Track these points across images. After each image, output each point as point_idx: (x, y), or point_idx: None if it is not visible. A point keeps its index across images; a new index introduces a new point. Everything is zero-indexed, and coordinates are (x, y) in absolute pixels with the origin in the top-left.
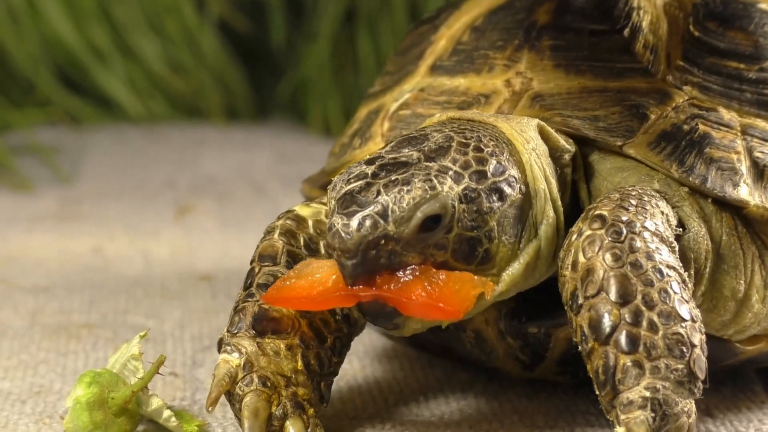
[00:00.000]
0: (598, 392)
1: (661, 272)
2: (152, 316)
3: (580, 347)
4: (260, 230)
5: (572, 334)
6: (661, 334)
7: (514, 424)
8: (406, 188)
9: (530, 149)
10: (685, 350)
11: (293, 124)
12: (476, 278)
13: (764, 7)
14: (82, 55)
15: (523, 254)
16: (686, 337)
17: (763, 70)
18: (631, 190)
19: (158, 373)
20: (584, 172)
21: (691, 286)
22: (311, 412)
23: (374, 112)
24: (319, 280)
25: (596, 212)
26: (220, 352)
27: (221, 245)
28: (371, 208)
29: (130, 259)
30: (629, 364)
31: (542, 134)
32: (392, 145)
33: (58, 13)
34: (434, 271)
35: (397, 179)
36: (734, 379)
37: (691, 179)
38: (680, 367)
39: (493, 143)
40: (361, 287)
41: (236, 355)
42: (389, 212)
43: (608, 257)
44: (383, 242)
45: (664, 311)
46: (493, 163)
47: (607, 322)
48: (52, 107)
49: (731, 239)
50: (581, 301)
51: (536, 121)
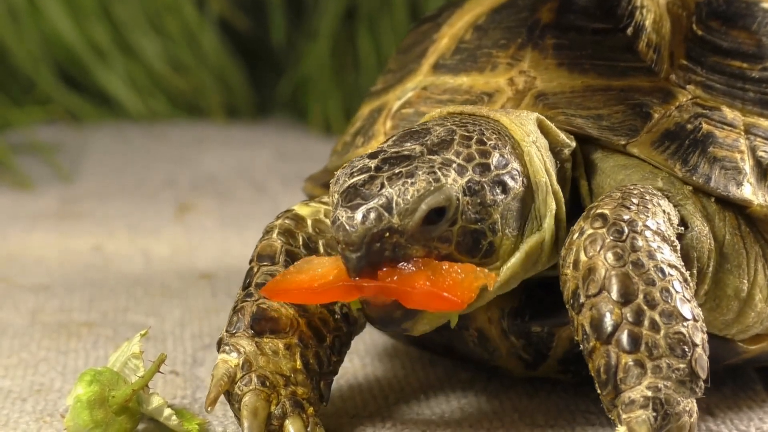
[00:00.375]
0: (599, 391)
1: (662, 271)
2: (153, 314)
3: (581, 346)
4: (260, 229)
5: (573, 333)
6: (662, 333)
7: (514, 422)
8: (410, 181)
9: (530, 142)
10: (686, 349)
11: (294, 122)
12: (478, 269)
13: (767, 6)
14: (82, 53)
15: (524, 246)
16: (688, 336)
17: (766, 69)
18: (632, 188)
19: (159, 371)
20: (586, 169)
21: (693, 285)
22: (311, 411)
23: (377, 110)
24: (320, 273)
25: (598, 211)
26: (219, 351)
27: (221, 244)
28: (375, 200)
29: (130, 257)
30: (631, 363)
31: (541, 128)
32: (394, 139)
33: (58, 11)
34: (437, 262)
35: (400, 172)
36: (735, 378)
37: (694, 178)
38: (682, 366)
39: (495, 136)
40: (364, 279)
41: (235, 354)
42: (393, 205)
43: (610, 256)
44: (387, 235)
45: (665, 310)
46: (496, 155)
47: (608, 321)
48: (52, 105)
49: (734, 238)
50: (582, 300)
51: (535, 115)
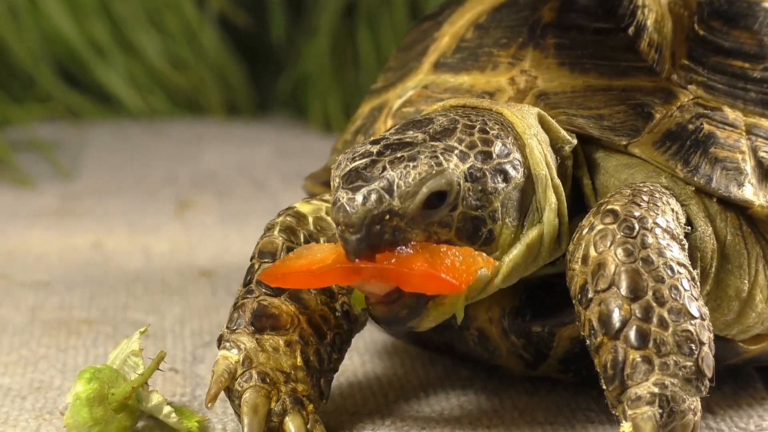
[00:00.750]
0: (605, 387)
1: (672, 269)
2: (152, 311)
3: (587, 341)
4: (260, 226)
5: (580, 328)
6: (671, 330)
7: (514, 420)
8: (411, 164)
9: (531, 134)
10: (694, 348)
11: (293, 119)
12: (477, 253)
13: None
14: (82, 50)
15: (525, 238)
16: (695, 334)
17: (767, 69)
18: (642, 186)
19: (158, 369)
20: (588, 168)
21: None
22: (311, 408)
23: (377, 108)
24: (319, 258)
25: (608, 207)
26: (219, 348)
27: (221, 241)
28: (377, 183)
29: (130, 254)
30: (638, 359)
31: (542, 123)
32: (397, 127)
33: (58, 8)
34: (435, 245)
35: (402, 156)
36: (735, 376)
37: (696, 179)
38: (689, 364)
39: (498, 127)
40: (362, 261)
41: (235, 351)
42: (394, 187)
43: (620, 252)
44: (388, 217)
45: (674, 308)
46: (498, 144)
47: (617, 316)
48: (52, 103)
49: (736, 239)
50: (591, 295)
51: (536, 109)
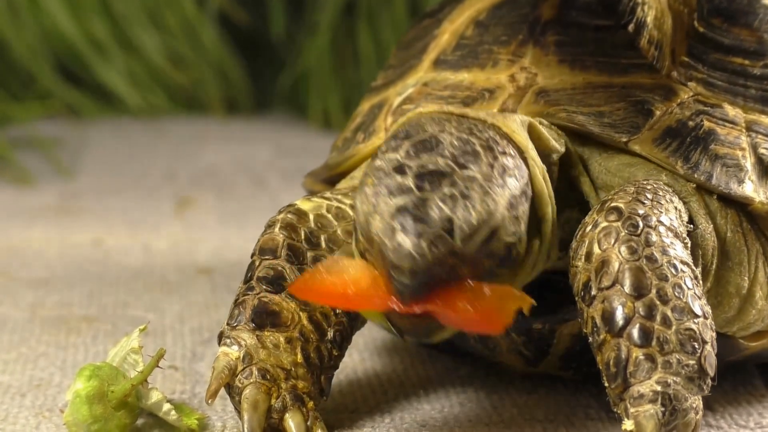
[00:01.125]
0: (607, 385)
1: (675, 267)
2: (152, 309)
3: (590, 339)
4: (260, 223)
5: (582, 325)
6: (674, 329)
7: (513, 417)
8: (469, 204)
9: (531, 147)
10: (696, 346)
11: (293, 117)
12: (516, 293)
13: None
14: (82, 48)
15: (533, 250)
16: (698, 333)
17: (767, 66)
18: (646, 184)
19: (158, 366)
20: (589, 165)
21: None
22: (311, 405)
23: (377, 106)
24: (353, 279)
25: (612, 204)
26: (219, 344)
27: (221, 238)
28: (439, 225)
29: (130, 252)
30: (641, 357)
31: (532, 133)
32: (404, 151)
33: (58, 6)
34: (477, 284)
35: (453, 194)
36: (734, 373)
37: (696, 176)
38: (692, 363)
39: (505, 142)
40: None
41: (236, 347)
42: (457, 230)
43: (624, 250)
44: (449, 259)
45: (677, 306)
46: (520, 165)
47: (620, 314)
48: (52, 100)
49: (736, 236)
50: (594, 292)
51: (528, 119)
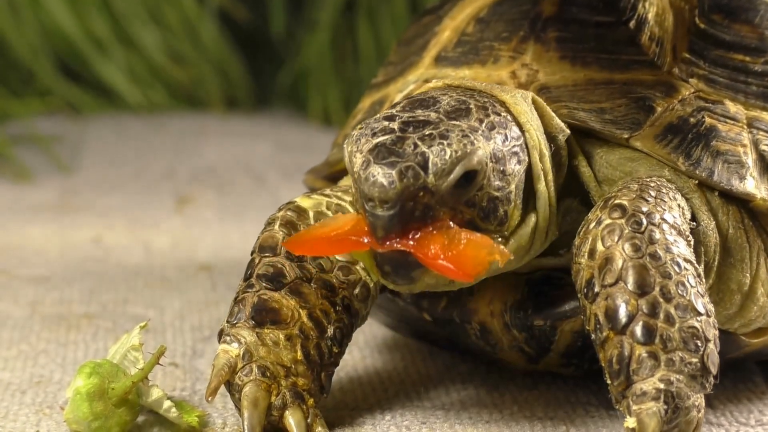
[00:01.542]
0: (609, 382)
1: (678, 265)
2: (152, 306)
3: (593, 336)
4: (260, 220)
5: (585, 322)
6: (677, 326)
7: (513, 414)
8: (446, 142)
9: (529, 119)
10: (699, 344)
11: (293, 113)
12: (493, 245)
13: None
14: (81, 44)
15: (527, 222)
16: (701, 331)
17: None
18: (649, 181)
19: (158, 363)
20: (590, 161)
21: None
22: (311, 402)
23: (378, 102)
24: (339, 225)
25: (616, 201)
26: (219, 342)
27: (221, 235)
28: (413, 159)
29: (130, 249)
30: (645, 355)
31: (537, 110)
32: (402, 105)
33: (57, 2)
34: (456, 230)
35: (432, 134)
36: (735, 370)
37: (697, 172)
38: (694, 360)
39: (503, 110)
40: (388, 237)
41: (235, 345)
42: (430, 164)
43: (628, 247)
44: (421, 194)
45: (680, 304)
46: (512, 127)
47: (623, 311)
48: (51, 97)
49: (738, 232)
50: (598, 289)
51: (530, 94)
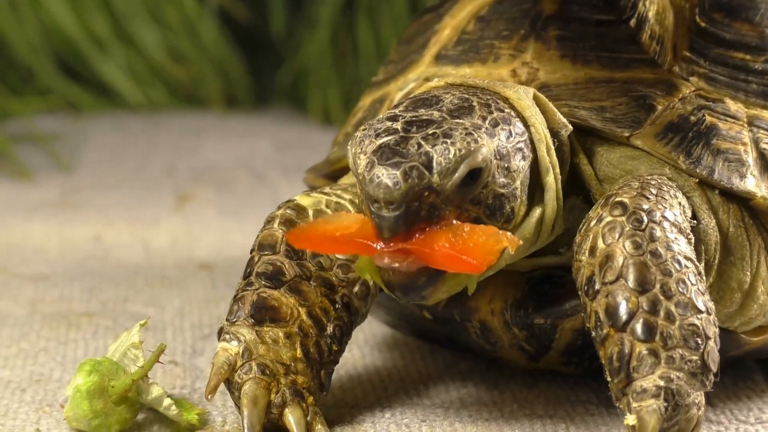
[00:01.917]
0: (609, 379)
1: (679, 263)
2: (152, 304)
3: (593, 333)
4: (260, 218)
5: (585, 319)
6: (677, 324)
7: (513, 412)
8: (449, 141)
9: (533, 114)
10: (699, 342)
11: (293, 112)
12: (501, 232)
13: None
14: (81, 43)
15: (532, 216)
16: (701, 329)
17: None
18: (650, 179)
19: (158, 361)
20: (591, 159)
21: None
22: (310, 400)
23: (378, 101)
24: (344, 225)
25: (617, 199)
26: (219, 340)
27: (221, 233)
28: (416, 159)
29: (130, 247)
30: (645, 352)
31: (539, 105)
32: (404, 105)
33: (57, 1)
34: (459, 224)
35: (435, 133)
36: (735, 368)
37: (698, 170)
38: (695, 358)
39: (507, 106)
40: (394, 239)
41: (235, 343)
42: (434, 164)
43: (628, 244)
44: (426, 194)
45: (681, 302)
46: (516, 123)
47: (624, 309)
48: (51, 95)
49: (738, 231)
50: (598, 286)
51: (532, 90)
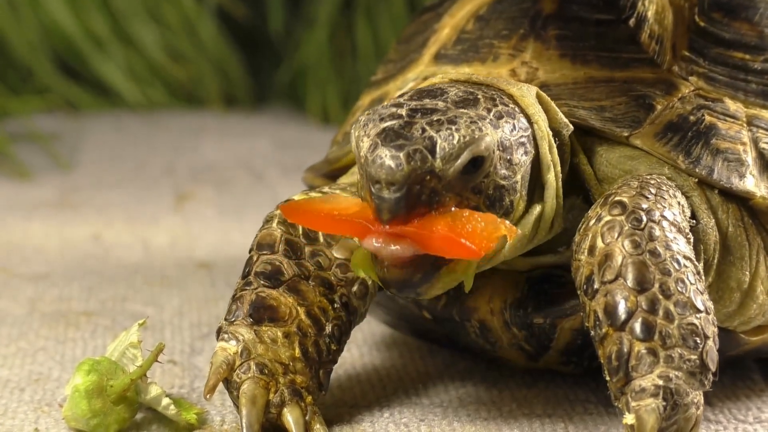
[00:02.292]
0: (608, 378)
1: (678, 262)
2: (151, 303)
3: (592, 332)
4: (259, 218)
5: (584, 319)
6: (676, 323)
7: (512, 411)
8: (453, 127)
9: (536, 112)
10: (698, 341)
11: (292, 111)
12: (500, 220)
13: None
14: (80, 42)
15: (531, 212)
16: (700, 328)
17: None
18: (649, 178)
19: (157, 360)
20: (590, 158)
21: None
22: (309, 399)
23: (377, 100)
24: (342, 206)
25: (616, 198)
26: (218, 340)
27: (220, 233)
28: (421, 142)
29: (129, 246)
30: (644, 351)
31: (541, 103)
32: (409, 95)
33: (57, 0)
34: (458, 210)
35: (440, 119)
36: (733, 367)
37: (697, 170)
38: (693, 357)
39: (510, 101)
40: (393, 222)
41: (233, 342)
42: (438, 148)
43: (627, 244)
44: (428, 178)
45: (680, 301)
46: (520, 118)
47: (623, 308)
48: (50, 95)
49: (737, 230)
50: (597, 285)
51: (535, 89)
